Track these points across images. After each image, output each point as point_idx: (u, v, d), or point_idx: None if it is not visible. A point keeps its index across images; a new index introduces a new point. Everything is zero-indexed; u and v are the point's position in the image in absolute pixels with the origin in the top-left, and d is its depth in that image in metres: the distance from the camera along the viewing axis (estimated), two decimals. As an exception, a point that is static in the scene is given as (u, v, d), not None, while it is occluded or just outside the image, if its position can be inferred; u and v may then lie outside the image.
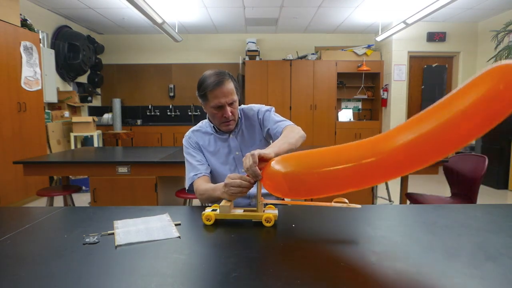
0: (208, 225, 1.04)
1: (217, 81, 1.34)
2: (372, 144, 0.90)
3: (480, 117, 0.76)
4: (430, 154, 0.83)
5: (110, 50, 6.74)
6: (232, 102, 1.38)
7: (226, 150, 1.50)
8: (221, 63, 6.71)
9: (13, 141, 3.80)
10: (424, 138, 0.82)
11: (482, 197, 4.20)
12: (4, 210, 1.30)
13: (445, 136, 0.80)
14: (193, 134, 1.55)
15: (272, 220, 1.04)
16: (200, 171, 1.44)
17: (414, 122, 0.86)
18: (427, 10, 4.27)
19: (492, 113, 0.75)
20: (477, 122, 0.77)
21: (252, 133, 1.53)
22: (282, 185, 1.00)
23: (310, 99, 6.37)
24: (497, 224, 1.03)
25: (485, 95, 0.75)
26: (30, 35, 4.05)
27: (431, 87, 6.26)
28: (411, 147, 0.83)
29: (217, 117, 1.41)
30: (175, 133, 6.24)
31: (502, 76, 0.74)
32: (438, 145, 0.81)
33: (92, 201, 2.60)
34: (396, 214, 1.17)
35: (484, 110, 0.76)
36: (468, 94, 0.78)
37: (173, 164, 2.52)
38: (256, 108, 1.56)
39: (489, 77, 0.76)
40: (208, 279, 0.72)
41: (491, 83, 0.74)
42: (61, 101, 5.26)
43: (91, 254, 0.84)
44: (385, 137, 0.89)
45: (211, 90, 1.34)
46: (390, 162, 0.87)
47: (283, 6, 5.02)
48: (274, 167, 1.02)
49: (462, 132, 0.79)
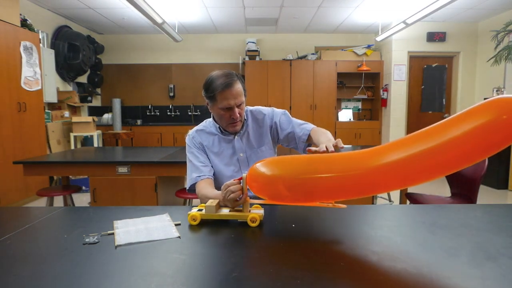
0: (207, 226, 1.04)
1: (227, 82, 1.33)
2: (360, 158, 0.90)
3: (473, 146, 0.77)
4: (416, 175, 0.84)
5: (110, 50, 6.74)
6: (240, 104, 1.37)
7: (230, 151, 1.49)
8: (221, 63, 6.71)
9: (13, 141, 3.80)
10: (411, 160, 0.82)
11: (482, 197, 4.20)
12: (4, 210, 1.30)
13: (433, 160, 0.80)
14: (197, 134, 1.52)
15: (257, 220, 1.03)
16: (204, 173, 1.43)
17: (405, 141, 0.86)
18: (427, 10, 4.27)
19: (488, 144, 0.77)
20: (467, 151, 0.78)
21: (259, 136, 1.52)
22: (266, 188, 1.00)
23: (310, 99, 6.37)
24: (497, 224, 1.03)
25: (482, 125, 0.75)
26: (30, 35, 4.05)
27: (431, 87, 6.26)
28: (398, 167, 0.84)
29: (225, 118, 1.40)
30: (175, 133, 6.24)
31: (501, 109, 0.75)
32: (426, 168, 0.82)
33: (92, 201, 2.60)
34: (396, 214, 1.17)
35: (480, 140, 0.76)
36: (464, 122, 0.78)
37: (173, 164, 2.52)
38: (266, 111, 1.55)
39: (488, 109, 0.76)
40: (208, 279, 0.72)
41: (490, 116, 0.75)
42: (61, 101, 5.26)
43: (91, 254, 0.84)
44: (374, 152, 0.89)
45: (220, 91, 1.32)
46: (373, 179, 0.87)
47: (283, 6, 5.02)
48: (259, 169, 1.01)
49: (452, 158, 0.80)
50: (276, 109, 1.57)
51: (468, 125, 0.77)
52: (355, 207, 1.21)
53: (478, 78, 6.04)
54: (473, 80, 6.10)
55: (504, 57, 4.55)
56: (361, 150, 0.92)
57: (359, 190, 0.91)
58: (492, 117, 0.75)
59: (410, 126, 6.35)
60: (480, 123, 0.75)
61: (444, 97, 6.30)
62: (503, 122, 0.74)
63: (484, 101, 0.79)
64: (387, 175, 0.86)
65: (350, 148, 3.36)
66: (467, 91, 6.12)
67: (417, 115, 6.37)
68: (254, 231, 1.00)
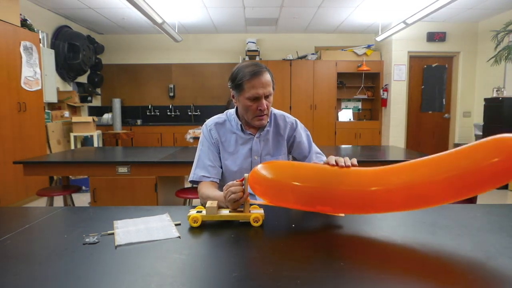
0: (207, 226, 1.04)
1: (256, 70, 1.29)
2: (371, 176, 0.95)
3: (477, 180, 0.81)
4: (417, 201, 0.90)
5: (110, 50, 6.74)
6: (268, 95, 1.33)
7: (245, 152, 1.43)
8: (221, 63, 6.72)
9: (13, 141, 3.80)
10: (414, 185, 0.88)
11: (482, 197, 4.20)
12: (4, 210, 1.30)
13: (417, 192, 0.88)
14: (215, 128, 1.45)
15: (260, 220, 1.03)
16: (211, 175, 1.39)
17: (411, 166, 0.91)
18: (427, 10, 4.26)
19: (492, 182, 0.81)
20: (469, 185, 0.83)
21: (277, 143, 1.47)
22: (267, 190, 1.03)
23: (310, 99, 6.36)
24: (497, 224, 1.03)
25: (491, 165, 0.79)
26: (30, 35, 4.05)
27: (431, 87, 6.26)
28: (402, 190, 0.89)
29: (251, 110, 1.33)
30: (175, 133, 6.24)
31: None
32: (427, 195, 0.88)
33: (92, 201, 2.60)
34: (396, 214, 1.17)
35: (486, 178, 0.80)
36: (472, 158, 0.82)
37: (173, 164, 2.52)
38: (291, 120, 1.50)
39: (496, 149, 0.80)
40: (208, 279, 0.72)
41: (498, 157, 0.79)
42: (61, 101, 5.25)
43: (91, 254, 0.84)
44: (385, 172, 0.94)
45: (248, 79, 1.28)
46: (376, 198, 0.93)
47: (283, 6, 5.02)
48: (261, 172, 1.04)
49: (451, 191, 0.86)
50: (299, 123, 1.52)
51: (475, 162, 0.81)
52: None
53: (478, 78, 6.04)
54: (473, 80, 6.10)
55: (504, 57, 4.55)
56: (374, 168, 0.97)
57: (363, 207, 0.97)
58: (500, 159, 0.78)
59: (410, 126, 6.35)
60: (495, 159, 0.79)
61: (444, 97, 6.30)
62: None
63: (491, 139, 0.82)
64: (391, 196, 0.91)
65: (350, 148, 3.36)
66: (467, 91, 6.12)
67: (417, 115, 6.37)
68: (254, 231, 1.00)
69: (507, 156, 0.76)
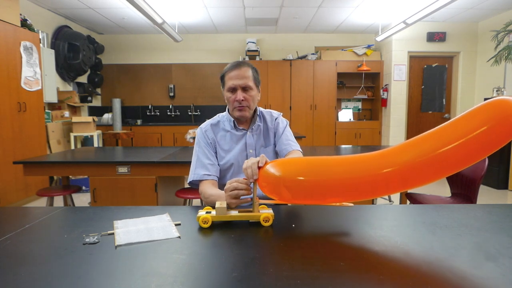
0: (208, 226, 1.04)
1: (235, 64, 1.40)
2: (370, 160, 0.96)
3: (478, 146, 0.84)
4: (417, 177, 0.92)
5: (110, 50, 6.74)
6: (245, 87, 1.40)
7: (240, 147, 1.49)
8: (221, 63, 6.71)
9: (13, 141, 3.80)
10: (412, 162, 0.89)
11: (482, 197, 4.20)
12: (4, 210, 1.30)
13: (440, 161, 0.87)
14: (211, 128, 1.52)
15: (270, 219, 1.04)
16: (211, 174, 1.43)
17: (404, 146, 0.93)
18: (427, 10, 4.27)
19: (491, 144, 0.83)
20: (471, 152, 0.85)
21: (267, 137, 1.55)
22: (277, 188, 1.02)
23: (310, 99, 6.37)
24: (497, 224, 1.03)
25: (487, 129, 0.82)
26: (30, 35, 4.05)
27: (431, 87, 6.26)
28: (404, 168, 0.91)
29: (231, 101, 1.43)
30: (175, 133, 6.24)
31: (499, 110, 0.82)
32: (430, 168, 0.89)
33: (92, 201, 2.60)
34: (396, 214, 1.17)
35: (482, 139, 0.83)
36: (468, 124, 0.85)
37: (173, 164, 2.52)
38: (276, 114, 1.60)
39: (491, 110, 0.83)
40: (208, 279, 0.72)
41: (493, 118, 0.82)
42: (61, 101, 5.26)
43: (91, 254, 0.84)
44: (383, 154, 0.95)
45: (227, 72, 1.40)
46: (378, 181, 0.94)
47: (283, 6, 5.02)
48: (269, 170, 1.04)
49: (455, 160, 0.87)
50: (282, 117, 1.63)
51: (473, 127, 0.83)
52: (355, 207, 1.21)
53: (478, 78, 6.04)
54: (473, 80, 6.10)
55: (504, 57, 4.55)
56: (371, 153, 0.98)
57: (367, 192, 0.97)
58: (496, 119, 0.81)
59: (410, 126, 6.35)
60: (485, 127, 0.82)
61: (444, 97, 6.30)
62: (507, 122, 0.80)
63: (485, 102, 0.84)
64: (392, 175, 0.91)
65: (350, 148, 3.36)
66: (467, 91, 6.12)
67: (417, 115, 6.36)
68: (254, 231, 1.00)
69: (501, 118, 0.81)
